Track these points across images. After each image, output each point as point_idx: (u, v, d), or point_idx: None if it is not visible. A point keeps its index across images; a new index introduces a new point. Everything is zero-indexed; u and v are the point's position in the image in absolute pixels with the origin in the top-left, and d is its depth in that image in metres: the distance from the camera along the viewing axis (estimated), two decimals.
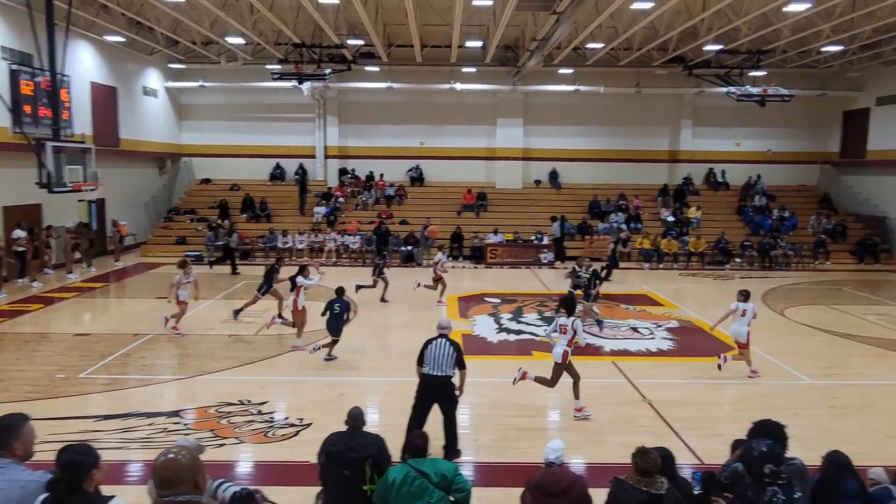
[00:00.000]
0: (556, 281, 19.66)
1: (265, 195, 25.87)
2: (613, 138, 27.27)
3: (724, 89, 22.01)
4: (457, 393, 7.26)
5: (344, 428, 5.20)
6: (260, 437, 7.73)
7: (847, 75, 25.83)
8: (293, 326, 11.81)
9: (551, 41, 18.11)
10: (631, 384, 9.89)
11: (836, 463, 4.64)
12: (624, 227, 24.01)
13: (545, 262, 22.24)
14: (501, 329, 13.22)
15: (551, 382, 8.67)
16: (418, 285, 15.77)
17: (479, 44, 22.23)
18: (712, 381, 10.18)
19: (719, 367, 10.15)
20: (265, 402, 8.79)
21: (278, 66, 22.12)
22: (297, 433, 7.83)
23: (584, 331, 9.32)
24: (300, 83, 22.72)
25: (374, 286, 15.88)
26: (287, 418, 8.29)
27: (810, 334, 13.19)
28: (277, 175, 27.33)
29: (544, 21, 17.41)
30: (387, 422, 8.24)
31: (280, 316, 13.02)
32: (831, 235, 23.97)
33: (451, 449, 7.20)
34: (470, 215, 25.43)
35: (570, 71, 24.82)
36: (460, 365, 7.22)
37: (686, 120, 27.24)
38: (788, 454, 5.04)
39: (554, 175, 27.19)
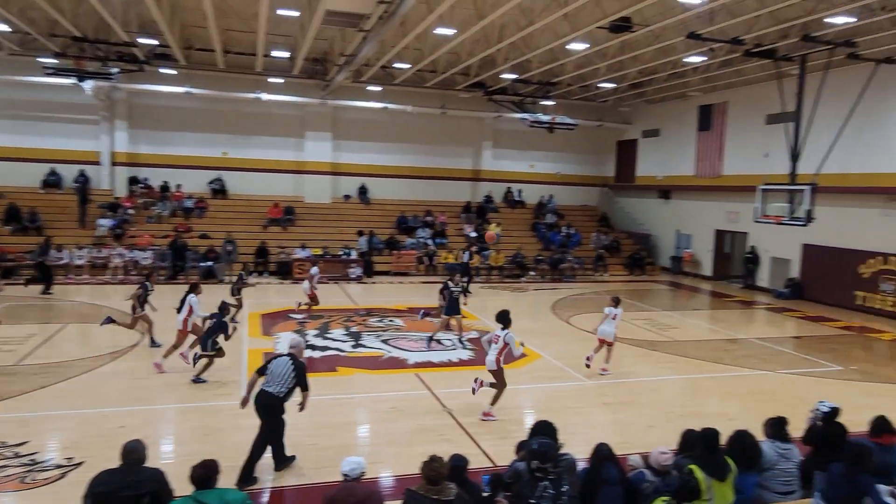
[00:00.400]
0: (364, 296, 19.73)
1: (36, 204, 22.68)
2: (421, 156, 28.23)
3: (519, 115, 23.90)
4: (297, 408, 7.20)
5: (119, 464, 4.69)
6: (16, 485, 6.67)
7: (619, 109, 29.49)
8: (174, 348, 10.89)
9: (359, 58, 18.31)
10: (433, 395, 10.20)
11: (598, 454, 5.18)
12: (430, 242, 24.89)
13: (353, 277, 22.23)
14: (307, 346, 12.89)
15: (500, 385, 9.10)
16: (298, 306, 15.97)
17: (286, 54, 21.74)
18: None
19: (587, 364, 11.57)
20: (24, 443, 7.63)
21: (54, 60, 19.64)
22: (63, 475, 6.89)
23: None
24: (81, 81, 20.33)
25: (239, 306, 14.86)
26: (52, 459, 7.28)
27: (592, 340, 14.58)
28: (52, 182, 24.07)
29: (352, 37, 17.54)
30: (181, 453, 7.61)
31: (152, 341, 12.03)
32: (608, 250, 27.04)
33: (248, 475, 6.83)
34: (277, 229, 24.63)
35: (378, 89, 25.26)
36: (302, 386, 7.12)
37: (487, 142, 29.09)
38: (568, 450, 5.55)
39: (363, 190, 27.40)
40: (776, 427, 5.80)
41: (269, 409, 6.95)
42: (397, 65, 22.29)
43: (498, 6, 14.84)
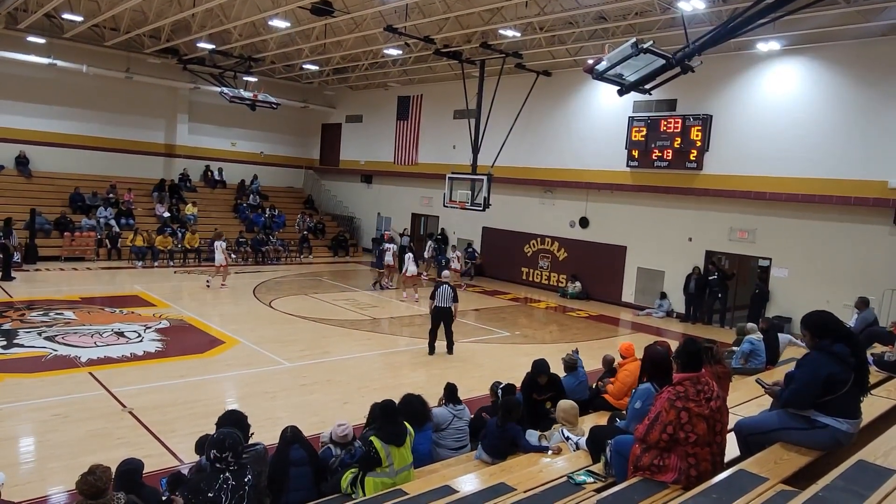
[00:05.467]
0: (24, 286, 16.63)
1: None
2: (102, 124, 24.71)
3: (218, 89, 22.47)
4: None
5: None
6: None
7: (324, 93, 29.73)
8: None
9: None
10: (110, 394, 9.08)
11: (283, 438, 5.19)
12: (114, 223, 22.08)
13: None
14: None
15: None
16: None
17: None
18: (199, 378, 10.20)
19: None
20: None
21: None
22: None
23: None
24: None
25: None
26: None
27: (292, 322, 14.61)
28: None
29: None
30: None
31: None
32: (313, 233, 27.22)
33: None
34: None
35: (42, 41, 21.32)
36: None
37: (182, 114, 26.77)
38: (264, 437, 5.41)
39: (23, 160, 22.97)
40: (449, 392, 6.48)
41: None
42: (67, 16, 19.07)
43: None
